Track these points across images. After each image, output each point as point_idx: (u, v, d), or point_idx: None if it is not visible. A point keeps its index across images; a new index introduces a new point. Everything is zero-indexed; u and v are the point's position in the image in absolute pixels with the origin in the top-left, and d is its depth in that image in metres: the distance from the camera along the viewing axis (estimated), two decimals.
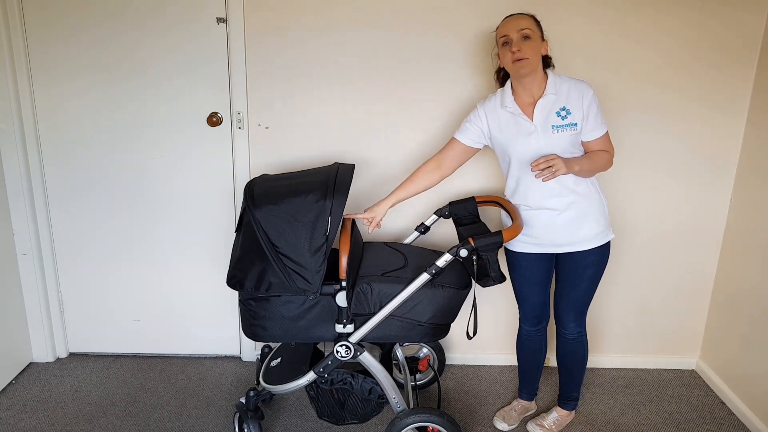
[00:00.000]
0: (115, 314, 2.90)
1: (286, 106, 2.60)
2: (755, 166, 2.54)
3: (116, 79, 2.57)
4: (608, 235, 2.21)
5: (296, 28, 2.51)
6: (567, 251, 2.20)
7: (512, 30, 2.03)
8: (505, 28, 2.06)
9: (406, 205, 2.72)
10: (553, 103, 2.07)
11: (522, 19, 2.05)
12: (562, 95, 2.08)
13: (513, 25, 2.04)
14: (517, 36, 2.02)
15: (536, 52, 2.04)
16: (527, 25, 2.03)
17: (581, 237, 2.16)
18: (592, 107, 2.06)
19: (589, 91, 2.07)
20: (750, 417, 2.49)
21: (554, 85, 2.08)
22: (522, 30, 2.01)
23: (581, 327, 2.31)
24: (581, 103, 2.06)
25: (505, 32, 2.05)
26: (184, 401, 2.61)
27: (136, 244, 2.79)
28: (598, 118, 2.08)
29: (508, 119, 2.14)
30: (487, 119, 2.19)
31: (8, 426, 2.42)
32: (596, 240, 2.17)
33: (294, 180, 2.10)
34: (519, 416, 2.52)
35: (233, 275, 2.03)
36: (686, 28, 2.50)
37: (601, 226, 2.17)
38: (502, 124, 2.15)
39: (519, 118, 2.11)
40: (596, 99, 2.08)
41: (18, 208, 2.67)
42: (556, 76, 2.11)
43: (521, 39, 2.02)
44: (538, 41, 2.05)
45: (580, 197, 2.12)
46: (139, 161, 2.68)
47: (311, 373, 2.16)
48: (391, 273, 2.11)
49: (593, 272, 2.22)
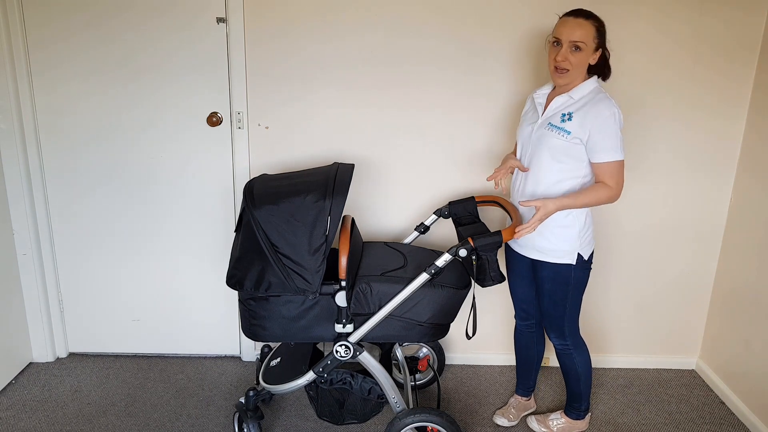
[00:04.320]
0: (114, 314, 2.90)
1: (286, 106, 2.60)
2: (755, 166, 2.54)
3: (116, 79, 2.58)
4: (563, 258, 2.11)
5: (296, 28, 2.51)
6: (522, 254, 2.21)
7: (565, 38, 1.95)
8: (560, 30, 1.97)
9: (406, 204, 2.72)
10: (566, 104, 2.03)
11: (579, 28, 1.94)
12: (578, 102, 2.01)
13: (568, 33, 1.94)
14: (566, 46, 1.95)
15: (581, 64, 1.97)
16: (582, 37, 1.93)
17: (529, 243, 2.15)
18: (603, 129, 1.95)
19: (605, 111, 1.95)
20: (750, 417, 2.49)
21: (580, 91, 2.02)
22: (574, 42, 1.94)
23: (564, 341, 2.26)
24: (588, 118, 1.97)
25: (558, 35, 1.97)
26: (184, 401, 2.61)
27: (136, 244, 2.79)
28: (605, 143, 1.97)
29: (530, 108, 2.19)
30: (526, 105, 2.25)
31: (8, 426, 2.42)
32: (545, 254, 2.13)
33: (293, 180, 2.10)
34: (518, 413, 2.52)
35: (233, 275, 2.03)
36: (686, 28, 2.50)
37: (547, 241, 2.10)
38: (527, 110, 2.21)
39: (538, 107, 2.13)
40: (611, 123, 1.95)
41: (18, 208, 2.67)
42: (593, 84, 2.03)
43: (570, 50, 1.95)
44: (588, 52, 1.96)
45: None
46: (138, 161, 2.68)
47: (311, 373, 2.16)
48: (391, 273, 2.11)
49: (551, 288, 2.17)
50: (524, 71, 2.54)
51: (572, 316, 2.22)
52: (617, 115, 1.97)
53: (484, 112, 2.60)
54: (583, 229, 2.10)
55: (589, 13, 1.98)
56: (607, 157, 1.98)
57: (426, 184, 2.70)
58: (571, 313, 2.21)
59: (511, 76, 2.55)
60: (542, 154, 2.06)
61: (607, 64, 2.08)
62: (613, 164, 1.99)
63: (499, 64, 2.53)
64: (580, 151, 2.01)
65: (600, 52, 2.02)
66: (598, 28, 1.97)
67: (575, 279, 2.14)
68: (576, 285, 2.16)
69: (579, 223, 2.09)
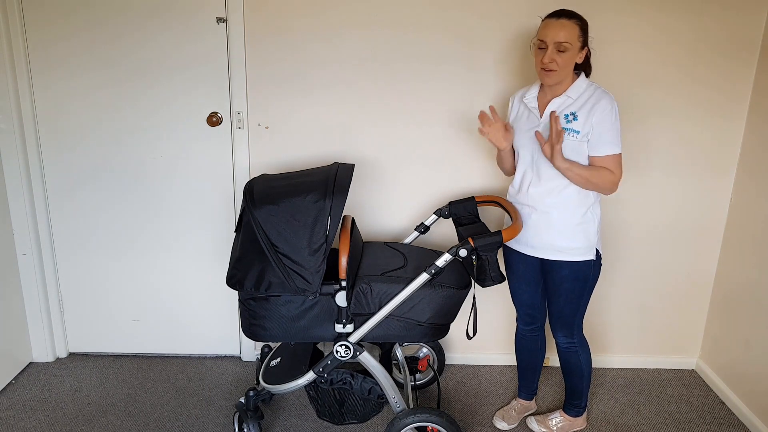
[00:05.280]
0: (114, 314, 2.90)
1: (286, 106, 2.60)
2: (755, 166, 2.54)
3: (116, 78, 2.58)
4: (584, 255, 2.12)
5: (296, 28, 2.51)
6: (536, 256, 2.19)
7: (550, 39, 1.95)
8: (544, 32, 1.97)
9: (406, 204, 2.72)
10: (566, 105, 2.04)
11: (563, 29, 1.94)
12: (578, 101, 2.03)
13: (552, 35, 1.95)
14: (552, 48, 1.95)
15: (568, 64, 1.98)
16: (566, 38, 1.94)
17: (545, 244, 2.13)
18: (604, 123, 1.99)
19: (608, 106, 1.98)
20: (750, 417, 2.49)
21: (576, 89, 2.03)
22: (559, 43, 1.94)
23: (572, 339, 2.27)
24: (593, 114, 1.99)
25: (542, 37, 1.97)
26: (184, 401, 2.61)
27: (136, 244, 2.79)
28: (606, 136, 2.00)
29: (523, 112, 2.16)
30: (513, 109, 2.22)
31: (8, 426, 2.42)
32: (566, 254, 2.12)
33: (294, 180, 2.10)
34: (518, 415, 2.52)
35: (233, 275, 2.03)
36: (686, 28, 2.50)
37: (569, 240, 2.10)
38: (518, 116, 2.18)
39: (532, 113, 2.12)
40: (612, 117, 1.99)
41: (18, 208, 2.67)
42: (585, 81, 2.05)
43: (556, 51, 1.96)
44: (574, 52, 1.97)
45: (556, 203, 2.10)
46: (139, 161, 2.68)
47: (311, 373, 2.16)
48: (391, 273, 2.11)
49: (569, 287, 2.16)
50: (525, 70, 2.54)
51: (582, 314, 2.24)
52: (616, 109, 2.01)
53: None
54: (599, 224, 2.15)
55: (572, 13, 1.98)
56: (609, 150, 2.02)
57: (426, 184, 2.70)
58: (581, 311, 2.23)
59: (512, 75, 2.55)
60: None
61: (589, 62, 2.09)
62: (614, 157, 2.02)
63: (500, 62, 2.53)
64: (586, 148, 2.04)
65: (585, 50, 2.03)
66: (581, 26, 1.98)
67: (593, 276, 2.17)
68: (592, 282, 2.18)
69: (597, 218, 2.13)
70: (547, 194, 2.11)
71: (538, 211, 2.13)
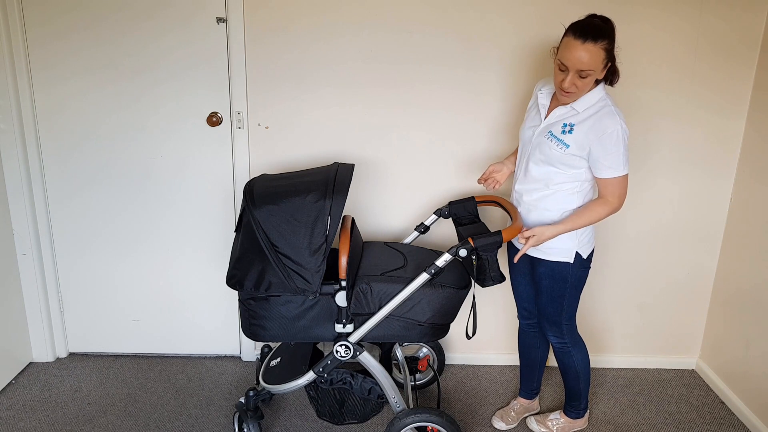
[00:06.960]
0: (114, 314, 2.90)
1: (286, 106, 2.60)
2: (755, 166, 2.54)
3: (116, 78, 2.57)
4: (560, 256, 2.10)
5: (296, 28, 2.51)
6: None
7: (571, 66, 1.85)
8: (567, 55, 1.85)
9: (406, 204, 2.72)
10: (569, 115, 2.00)
11: (587, 55, 1.82)
12: (581, 114, 1.97)
13: (574, 61, 1.83)
14: (573, 74, 1.87)
15: (588, 85, 1.91)
16: (589, 65, 1.83)
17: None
18: (603, 146, 1.92)
19: (609, 128, 1.90)
20: (750, 417, 2.49)
21: (584, 102, 1.96)
22: (580, 71, 1.85)
23: (563, 339, 2.26)
24: (591, 133, 1.93)
25: (564, 60, 1.86)
26: (184, 401, 2.61)
27: (136, 244, 2.79)
28: (608, 159, 1.94)
29: (534, 105, 2.16)
30: (533, 97, 2.20)
31: (8, 426, 2.42)
32: (542, 252, 2.11)
33: (294, 180, 2.10)
34: (518, 416, 2.52)
35: (233, 275, 2.03)
36: (686, 27, 2.50)
37: (551, 241, 2.05)
38: (531, 106, 2.18)
39: (541, 109, 2.11)
40: (611, 140, 1.91)
41: (18, 208, 2.67)
42: (598, 95, 1.96)
43: (577, 77, 1.87)
44: (597, 74, 1.88)
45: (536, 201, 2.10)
46: (138, 161, 2.68)
47: (311, 373, 2.16)
48: (391, 273, 2.11)
49: (548, 285, 2.16)
50: (525, 70, 2.54)
51: (569, 314, 2.22)
52: (621, 131, 1.91)
53: (485, 112, 2.59)
54: (589, 230, 2.12)
55: (598, 32, 1.82)
56: (610, 174, 1.97)
57: (426, 184, 2.70)
58: (568, 311, 2.21)
59: (512, 76, 2.55)
60: (540, 159, 2.06)
61: (616, 71, 1.97)
62: (615, 180, 1.98)
63: (500, 63, 2.53)
64: (578, 161, 2.00)
65: (609, 65, 1.92)
66: (607, 48, 1.85)
67: (573, 278, 2.14)
68: (574, 284, 2.16)
69: None
70: (529, 193, 2.12)
71: (523, 204, 2.16)
